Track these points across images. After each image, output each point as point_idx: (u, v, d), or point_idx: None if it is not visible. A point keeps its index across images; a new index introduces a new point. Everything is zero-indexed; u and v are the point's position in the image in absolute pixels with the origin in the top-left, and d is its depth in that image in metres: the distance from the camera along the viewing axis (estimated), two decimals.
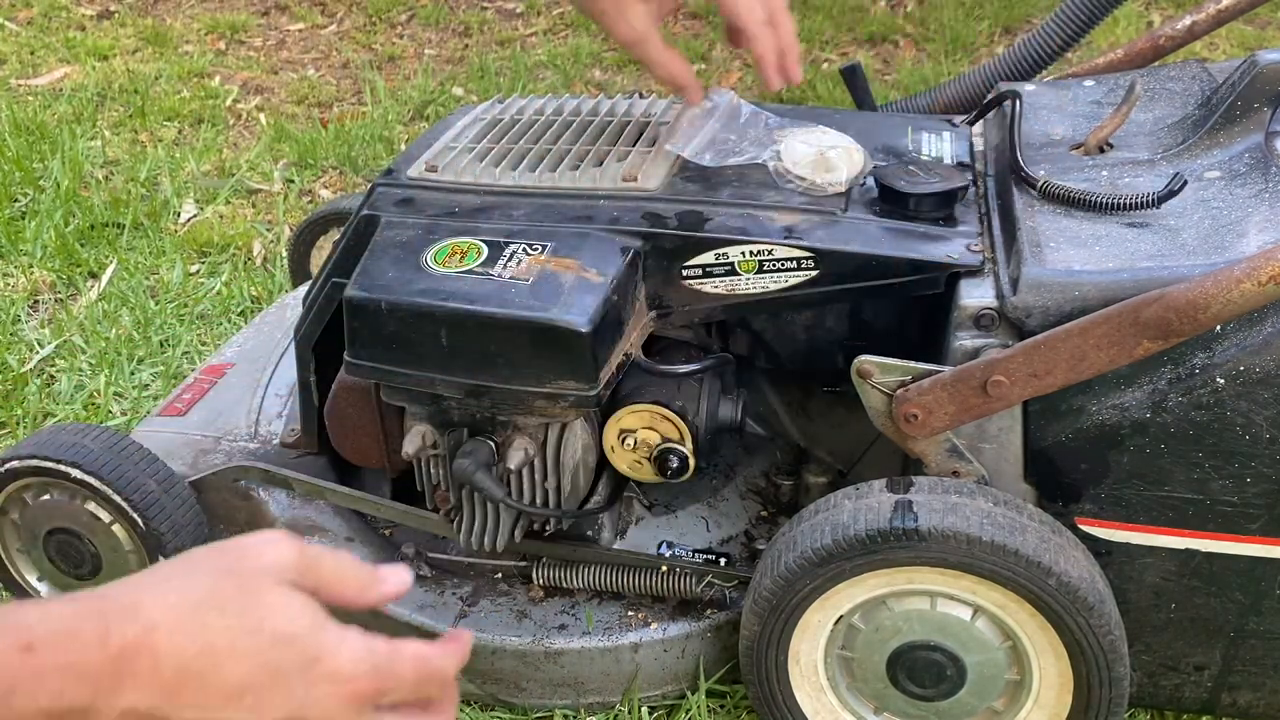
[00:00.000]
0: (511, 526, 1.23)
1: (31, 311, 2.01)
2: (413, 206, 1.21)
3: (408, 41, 3.17)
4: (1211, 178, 1.13)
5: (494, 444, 1.17)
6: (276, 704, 0.64)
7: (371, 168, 2.46)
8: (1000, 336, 1.06)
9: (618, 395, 1.18)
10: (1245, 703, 1.16)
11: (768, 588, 1.09)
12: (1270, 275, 0.92)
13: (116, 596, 0.63)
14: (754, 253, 1.12)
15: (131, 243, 2.18)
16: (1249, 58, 1.17)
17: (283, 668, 0.64)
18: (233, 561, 0.67)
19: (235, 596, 0.64)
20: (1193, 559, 1.09)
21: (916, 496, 1.05)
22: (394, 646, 0.70)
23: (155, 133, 2.66)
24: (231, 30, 3.22)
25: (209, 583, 0.65)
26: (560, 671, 1.24)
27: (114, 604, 0.62)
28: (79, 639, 0.60)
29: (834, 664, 1.15)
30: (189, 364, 1.84)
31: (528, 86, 2.83)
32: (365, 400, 1.24)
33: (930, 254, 1.10)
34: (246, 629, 0.64)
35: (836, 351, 1.27)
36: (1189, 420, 1.02)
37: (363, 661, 0.68)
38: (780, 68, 1.19)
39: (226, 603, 0.64)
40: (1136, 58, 1.44)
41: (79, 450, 1.27)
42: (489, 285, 1.09)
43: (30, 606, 0.61)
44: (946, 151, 1.27)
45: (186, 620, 0.62)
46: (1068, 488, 1.09)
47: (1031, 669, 1.09)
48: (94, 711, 0.60)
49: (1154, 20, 3.09)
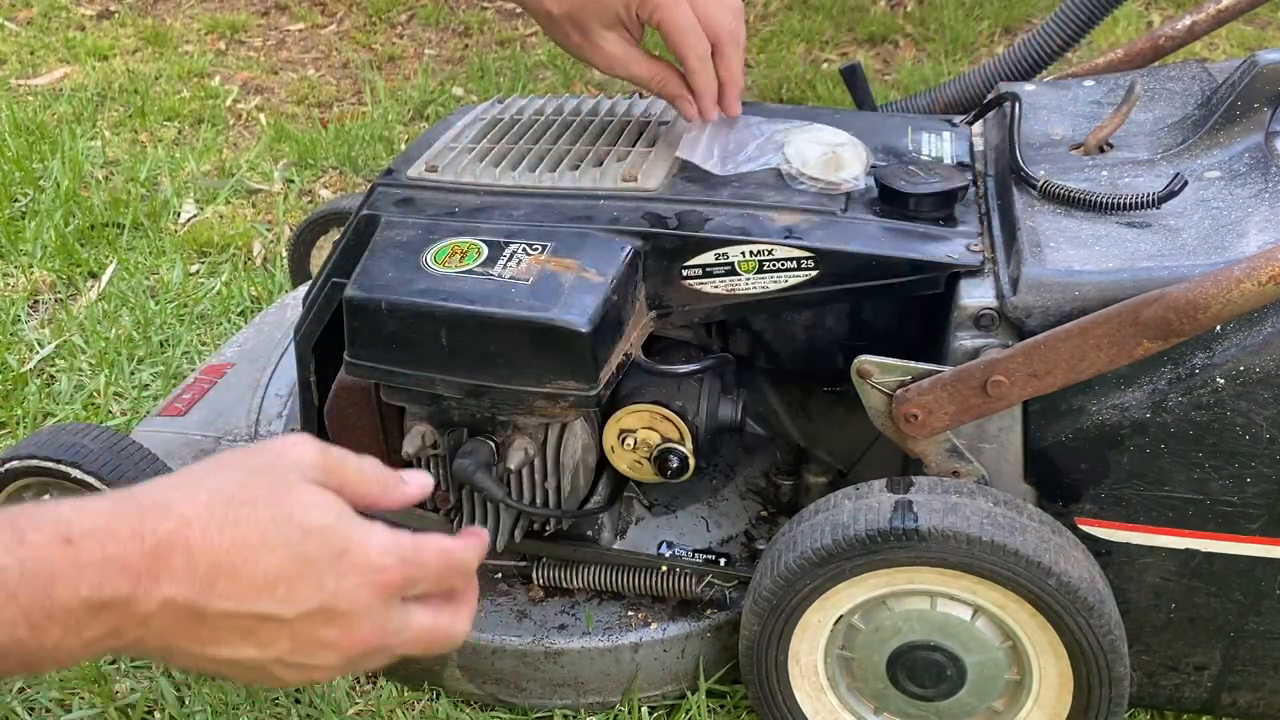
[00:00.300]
0: (511, 526, 1.23)
1: (31, 311, 2.01)
2: (413, 206, 1.21)
3: (408, 41, 3.17)
4: (1211, 178, 1.13)
5: (494, 444, 1.17)
6: (307, 594, 0.67)
7: (371, 168, 2.46)
8: (1000, 336, 1.06)
9: (618, 395, 1.18)
10: (1245, 703, 1.16)
11: (768, 588, 1.09)
12: (1270, 275, 0.93)
13: (150, 494, 0.66)
14: (754, 253, 1.12)
15: (131, 243, 2.18)
16: (1249, 58, 1.17)
17: (313, 559, 0.67)
18: (261, 461, 0.69)
19: (265, 493, 0.67)
20: (1193, 559, 1.09)
21: (916, 496, 1.05)
22: (419, 539, 0.72)
23: (155, 133, 2.66)
24: (231, 30, 3.22)
25: (239, 480, 0.67)
26: (560, 671, 1.24)
27: (149, 501, 0.65)
28: (116, 534, 0.62)
29: (834, 664, 1.15)
30: (189, 364, 1.84)
31: (528, 86, 2.83)
32: (365, 400, 1.24)
33: (930, 254, 1.10)
34: (277, 523, 0.66)
35: (836, 351, 1.27)
36: (1189, 420, 1.02)
37: (390, 553, 0.70)
38: (716, 104, 1.19)
39: (257, 499, 0.66)
40: (1136, 58, 1.44)
41: (79, 450, 1.27)
42: (489, 285, 1.09)
43: (66, 503, 0.63)
44: (946, 151, 1.27)
45: (218, 516, 0.65)
46: (1068, 488, 1.09)
47: (1031, 669, 1.09)
48: (133, 601, 0.62)
49: (1154, 20, 3.09)
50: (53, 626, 0.60)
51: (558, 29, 1.17)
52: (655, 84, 1.18)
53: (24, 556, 0.59)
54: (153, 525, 0.63)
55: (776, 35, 3.04)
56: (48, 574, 0.60)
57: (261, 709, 1.27)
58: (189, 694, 1.29)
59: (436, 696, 1.28)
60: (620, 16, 1.14)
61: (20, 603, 0.59)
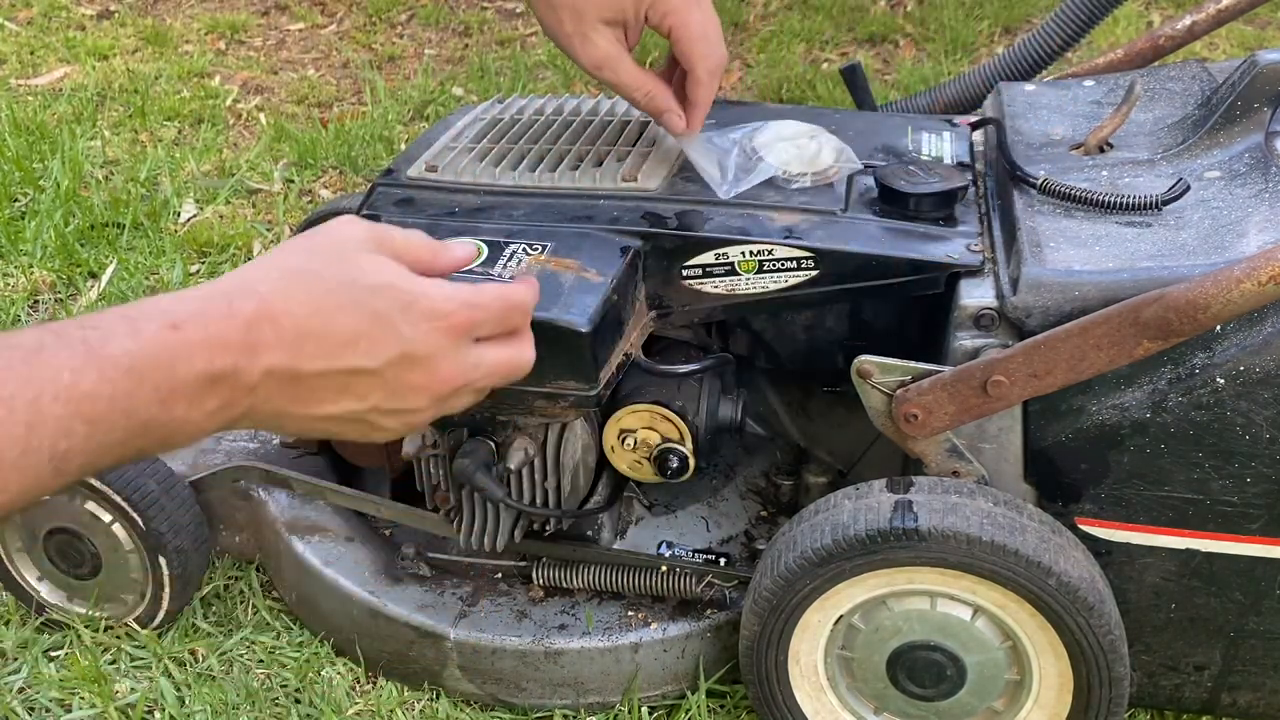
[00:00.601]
0: (511, 526, 1.23)
1: (31, 311, 2.01)
2: (413, 206, 1.21)
3: (408, 41, 3.17)
4: (1211, 178, 1.13)
5: (494, 444, 1.17)
6: (388, 344, 0.74)
7: (371, 168, 2.46)
8: (1000, 336, 1.06)
9: (618, 395, 1.18)
10: (1245, 703, 1.16)
11: (768, 588, 1.09)
12: (1270, 275, 0.93)
13: (231, 280, 0.73)
14: (754, 253, 1.12)
15: (131, 243, 2.18)
16: (1249, 58, 1.17)
17: (385, 312, 0.74)
18: (319, 242, 0.77)
19: (331, 263, 0.75)
20: (1193, 559, 1.09)
21: (916, 496, 1.05)
22: (477, 287, 0.81)
23: (155, 133, 2.66)
24: (231, 30, 3.22)
25: (304, 258, 0.76)
26: (560, 671, 1.24)
27: (231, 285, 0.72)
28: (211, 317, 0.70)
29: (834, 664, 1.15)
30: None
31: (528, 86, 2.83)
32: None
33: (930, 254, 1.10)
34: (346, 285, 0.74)
35: (836, 351, 1.27)
36: (1189, 420, 1.02)
37: (453, 299, 0.78)
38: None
39: (324, 269, 0.74)
40: (1136, 58, 1.44)
41: None
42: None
43: (164, 297, 0.71)
44: (946, 151, 1.27)
45: (294, 289, 0.73)
46: (1068, 488, 1.09)
47: (1031, 669, 1.09)
48: (242, 371, 0.70)
49: (1154, 20, 3.09)
50: (178, 402, 0.68)
51: (552, 15, 1.09)
52: (642, 94, 1.13)
53: (144, 342, 0.67)
54: (240, 305, 0.70)
55: (776, 35, 3.04)
56: (168, 356, 0.67)
57: (261, 709, 1.27)
58: (189, 694, 1.29)
59: (436, 696, 1.28)
60: (624, 14, 1.08)
61: (151, 383, 0.66)
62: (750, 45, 3.03)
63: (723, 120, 1.24)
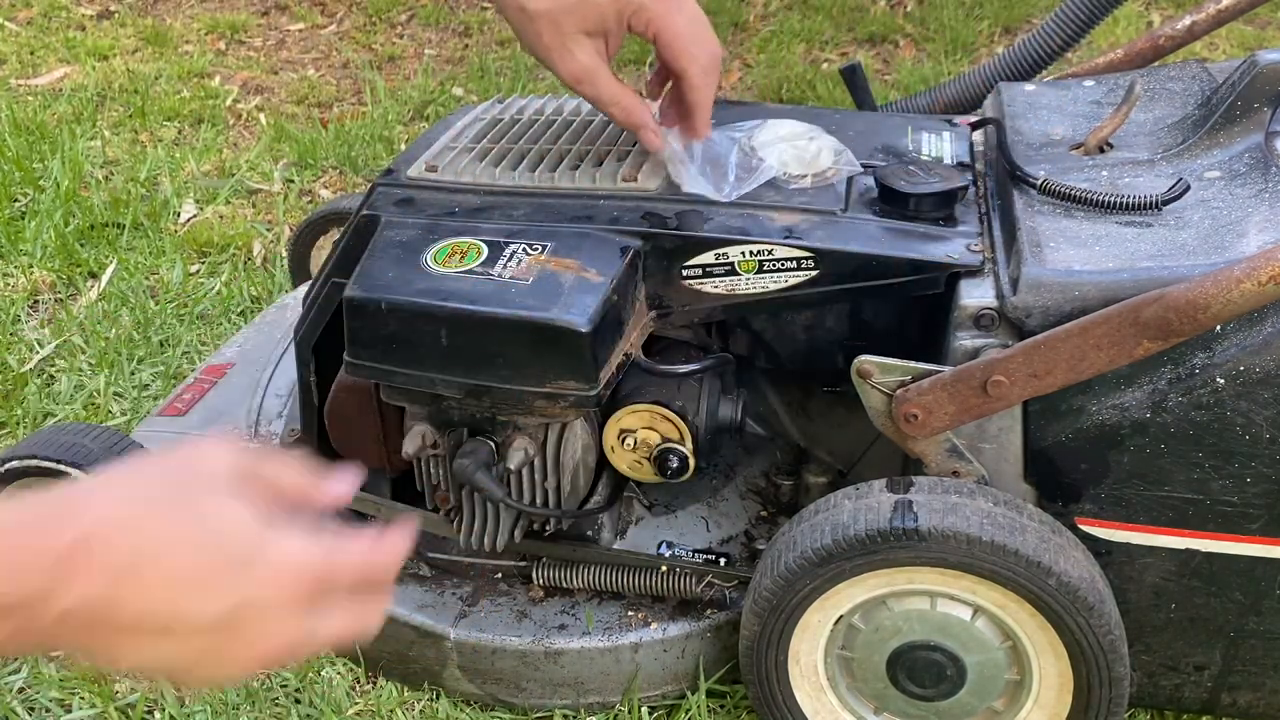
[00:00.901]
0: (511, 526, 1.23)
1: (31, 311, 2.01)
2: (413, 206, 1.21)
3: (408, 41, 3.17)
4: (1211, 178, 1.13)
5: (494, 444, 1.17)
6: (219, 597, 0.66)
7: (371, 168, 2.46)
8: (1000, 336, 1.06)
9: (618, 395, 1.18)
10: (1245, 703, 1.16)
11: (768, 588, 1.09)
12: (1270, 275, 0.93)
13: (65, 497, 0.67)
14: (754, 253, 1.12)
15: (131, 243, 2.18)
16: (1249, 58, 1.17)
17: (222, 562, 0.67)
18: (172, 471, 0.70)
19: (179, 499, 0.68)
20: (1193, 559, 1.09)
21: (916, 496, 1.05)
22: (339, 544, 0.71)
23: (155, 133, 2.66)
24: (231, 30, 3.22)
25: (152, 487, 0.69)
26: (560, 671, 1.24)
27: (63, 503, 0.66)
28: (31, 532, 0.63)
29: (834, 664, 1.15)
30: (189, 364, 1.84)
31: (528, 86, 2.83)
32: (365, 400, 1.24)
33: (930, 254, 1.10)
34: (185, 524, 0.67)
35: (836, 351, 1.27)
36: (1189, 420, 1.02)
37: (307, 554, 0.69)
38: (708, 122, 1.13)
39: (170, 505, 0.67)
40: (1136, 58, 1.44)
41: (79, 450, 1.27)
42: (489, 285, 1.08)
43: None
44: (946, 151, 1.27)
45: (128, 519, 0.66)
46: (1068, 488, 1.09)
47: (1031, 669, 1.09)
48: (52, 596, 0.63)
49: (1154, 20, 3.09)
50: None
51: (530, 27, 1.06)
52: (620, 109, 1.10)
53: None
54: (69, 525, 0.64)
55: (776, 35, 3.04)
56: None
57: (261, 709, 1.27)
58: (189, 694, 1.29)
59: (436, 696, 1.28)
60: (605, 24, 1.06)
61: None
62: (750, 45, 3.03)
63: (722, 120, 1.24)
